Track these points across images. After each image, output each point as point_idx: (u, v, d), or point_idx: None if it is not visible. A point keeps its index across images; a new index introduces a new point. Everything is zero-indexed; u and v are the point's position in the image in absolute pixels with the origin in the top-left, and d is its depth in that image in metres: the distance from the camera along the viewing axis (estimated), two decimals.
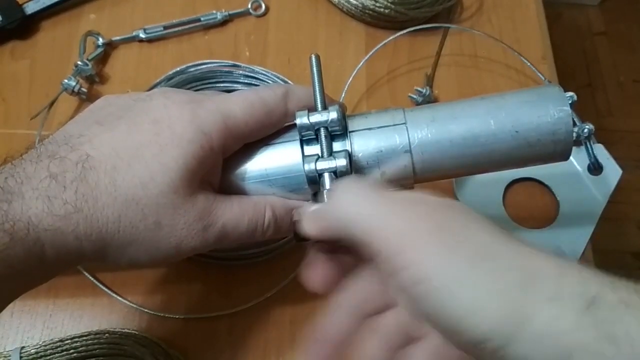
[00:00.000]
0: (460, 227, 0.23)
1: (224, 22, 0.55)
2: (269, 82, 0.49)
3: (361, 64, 0.51)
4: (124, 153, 0.27)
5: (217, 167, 0.30)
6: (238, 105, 0.30)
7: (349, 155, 0.30)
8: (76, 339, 0.39)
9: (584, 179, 0.47)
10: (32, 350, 0.38)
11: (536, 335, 0.20)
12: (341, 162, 0.29)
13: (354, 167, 0.30)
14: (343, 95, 0.50)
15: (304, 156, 0.31)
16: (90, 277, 0.42)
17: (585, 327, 0.20)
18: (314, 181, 0.30)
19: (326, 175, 0.29)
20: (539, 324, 0.20)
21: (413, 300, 0.23)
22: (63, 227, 0.25)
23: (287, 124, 0.33)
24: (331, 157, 0.29)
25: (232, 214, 0.30)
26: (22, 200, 0.25)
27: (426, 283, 0.22)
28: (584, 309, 0.20)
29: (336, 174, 0.29)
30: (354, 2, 0.53)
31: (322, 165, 0.29)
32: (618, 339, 0.19)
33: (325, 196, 0.28)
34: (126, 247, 0.27)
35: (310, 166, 0.29)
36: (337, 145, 0.31)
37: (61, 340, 0.39)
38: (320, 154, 0.30)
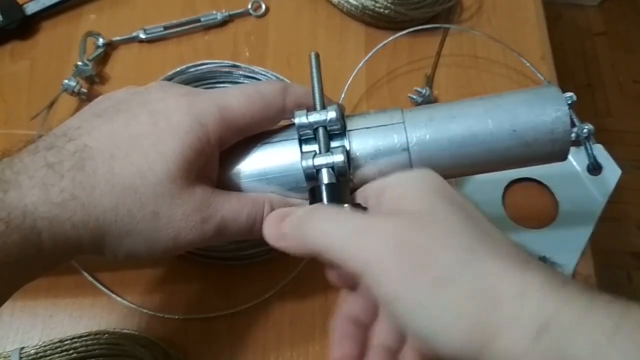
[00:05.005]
0: (427, 248, 0.23)
1: (224, 23, 0.55)
2: None
3: (361, 64, 0.51)
4: (122, 143, 0.27)
5: (214, 160, 0.31)
6: (235, 98, 0.30)
7: (347, 152, 0.30)
8: (76, 340, 0.39)
9: (584, 179, 0.47)
10: (32, 351, 0.38)
11: (500, 356, 0.20)
12: (338, 157, 0.29)
13: (352, 165, 0.31)
14: (343, 95, 0.50)
15: (302, 153, 0.31)
16: (90, 278, 0.42)
17: (541, 350, 0.20)
18: (312, 177, 0.30)
19: (324, 171, 0.29)
20: (499, 347, 0.21)
21: (389, 315, 0.24)
22: (60, 214, 0.25)
23: (286, 124, 0.33)
24: (329, 153, 0.29)
25: (231, 208, 0.30)
26: (19, 189, 0.25)
27: (395, 304, 0.23)
28: (536, 334, 0.20)
29: (334, 169, 0.29)
30: (354, 2, 0.53)
31: (319, 160, 0.29)
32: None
33: (300, 216, 0.28)
34: (124, 237, 0.27)
35: (307, 162, 0.29)
36: (335, 144, 0.31)
37: (61, 341, 0.39)
38: (318, 151, 0.30)
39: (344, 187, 0.30)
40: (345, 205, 0.28)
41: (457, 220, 0.24)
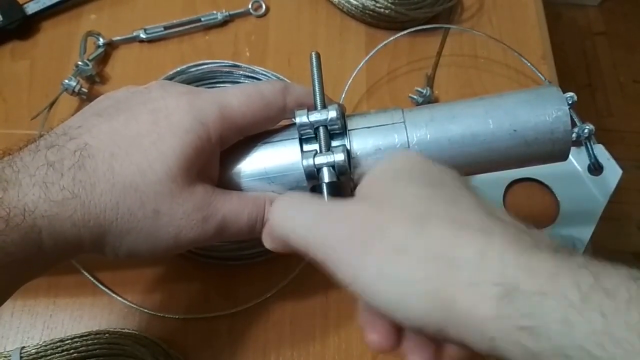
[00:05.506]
0: (378, 224, 0.23)
1: (225, 22, 0.55)
2: None
3: (361, 64, 0.51)
4: (122, 142, 0.27)
5: (215, 159, 0.31)
6: (235, 97, 0.30)
7: (347, 151, 0.30)
8: (76, 339, 0.39)
9: (584, 179, 0.47)
10: (33, 351, 0.38)
11: (462, 320, 0.20)
12: (339, 156, 0.29)
13: (353, 165, 0.31)
14: (343, 95, 0.50)
15: (302, 152, 0.31)
16: (90, 277, 0.42)
17: (504, 316, 0.19)
18: (313, 176, 0.30)
19: (325, 170, 0.29)
20: (461, 309, 0.20)
21: (357, 298, 0.23)
22: (60, 213, 0.25)
23: (286, 124, 0.33)
24: (329, 152, 0.29)
25: (232, 207, 0.30)
26: (19, 188, 0.25)
27: (354, 285, 0.22)
28: (502, 297, 0.19)
29: (334, 168, 0.29)
30: (354, 2, 0.53)
31: (320, 160, 0.29)
32: (536, 330, 0.19)
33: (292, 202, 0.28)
34: (125, 235, 0.27)
35: (308, 161, 0.30)
36: (336, 143, 0.31)
37: (61, 340, 0.39)
38: (318, 150, 0.30)
39: (345, 186, 0.30)
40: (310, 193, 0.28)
41: (415, 194, 0.24)
